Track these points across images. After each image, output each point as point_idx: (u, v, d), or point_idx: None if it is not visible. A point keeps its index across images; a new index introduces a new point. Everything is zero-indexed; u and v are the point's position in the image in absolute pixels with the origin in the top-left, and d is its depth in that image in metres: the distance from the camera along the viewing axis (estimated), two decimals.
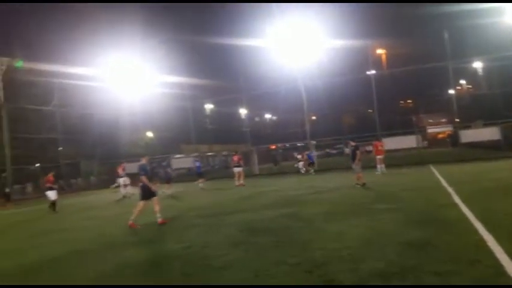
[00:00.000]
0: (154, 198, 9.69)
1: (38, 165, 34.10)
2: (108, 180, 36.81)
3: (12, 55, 31.21)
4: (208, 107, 49.32)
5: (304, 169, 25.76)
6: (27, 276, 5.88)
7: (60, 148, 34.00)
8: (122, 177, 19.33)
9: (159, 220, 9.50)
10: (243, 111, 45.12)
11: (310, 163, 25.57)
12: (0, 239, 10.39)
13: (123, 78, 34.36)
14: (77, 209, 16.46)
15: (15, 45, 32.84)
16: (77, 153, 35.88)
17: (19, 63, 31.77)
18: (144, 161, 10.05)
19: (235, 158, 21.03)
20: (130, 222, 9.43)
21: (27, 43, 34.09)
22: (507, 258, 4.46)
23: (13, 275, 6.04)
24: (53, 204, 15.18)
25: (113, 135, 38.24)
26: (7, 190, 22.18)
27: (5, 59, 29.59)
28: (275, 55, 30.38)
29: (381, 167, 19.91)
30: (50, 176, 16.20)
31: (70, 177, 34.75)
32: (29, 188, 32.03)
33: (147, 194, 9.63)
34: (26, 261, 6.80)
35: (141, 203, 9.61)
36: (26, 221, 14.01)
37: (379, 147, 20.53)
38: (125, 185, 19.19)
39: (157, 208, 9.66)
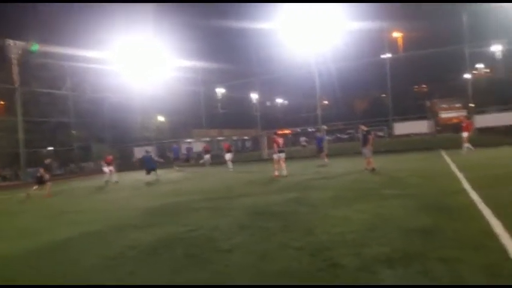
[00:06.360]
0: None
1: (50, 148, 34.59)
2: (120, 164, 37.41)
3: (26, 39, 31.43)
4: (220, 91, 49.25)
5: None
6: (39, 257, 6.02)
7: (73, 131, 34.37)
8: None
9: None
10: (254, 96, 44.97)
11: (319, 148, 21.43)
12: (19, 219, 10.58)
13: (135, 61, 34.40)
14: (88, 191, 16.72)
15: (29, 29, 33.02)
16: (89, 137, 36.24)
17: (34, 47, 31.89)
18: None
19: (280, 140, 15.46)
20: None
21: (40, 26, 34.24)
22: None
23: (26, 256, 6.19)
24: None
25: (124, 118, 38.50)
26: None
27: (20, 43, 29.84)
28: (288, 39, 29.97)
29: (467, 144, 19.25)
30: (109, 157, 20.11)
31: (82, 161, 35.23)
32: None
33: None
34: (40, 242, 6.96)
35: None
36: (42, 202, 14.25)
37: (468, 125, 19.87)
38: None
39: None
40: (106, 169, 19.81)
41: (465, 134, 19.43)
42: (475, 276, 3.69)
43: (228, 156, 21.28)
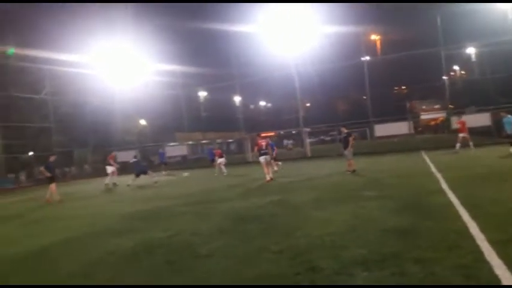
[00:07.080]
0: None
1: (31, 153, 33.95)
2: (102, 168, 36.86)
3: (3, 42, 30.74)
4: (202, 94, 49.06)
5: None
6: (16, 265, 5.91)
7: (54, 137, 33.78)
8: None
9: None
10: (237, 99, 45.03)
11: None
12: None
13: (116, 65, 34.05)
14: (71, 197, 16.43)
15: (6, 32, 32.28)
16: (70, 142, 35.71)
17: (11, 51, 31.24)
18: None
19: (262, 142, 14.78)
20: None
21: (18, 29, 33.52)
22: (487, 244, 4.46)
23: (3, 263, 6.09)
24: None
25: (106, 123, 38.02)
26: None
27: None
28: (268, 41, 30.16)
29: (459, 145, 19.34)
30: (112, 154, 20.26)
31: (64, 166, 34.61)
32: (22, 176, 31.88)
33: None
34: (18, 250, 6.82)
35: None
36: (19, 209, 13.95)
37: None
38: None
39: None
40: (110, 169, 19.10)
41: (463, 134, 19.48)
42: (449, 277, 3.72)
43: (221, 160, 21.06)
